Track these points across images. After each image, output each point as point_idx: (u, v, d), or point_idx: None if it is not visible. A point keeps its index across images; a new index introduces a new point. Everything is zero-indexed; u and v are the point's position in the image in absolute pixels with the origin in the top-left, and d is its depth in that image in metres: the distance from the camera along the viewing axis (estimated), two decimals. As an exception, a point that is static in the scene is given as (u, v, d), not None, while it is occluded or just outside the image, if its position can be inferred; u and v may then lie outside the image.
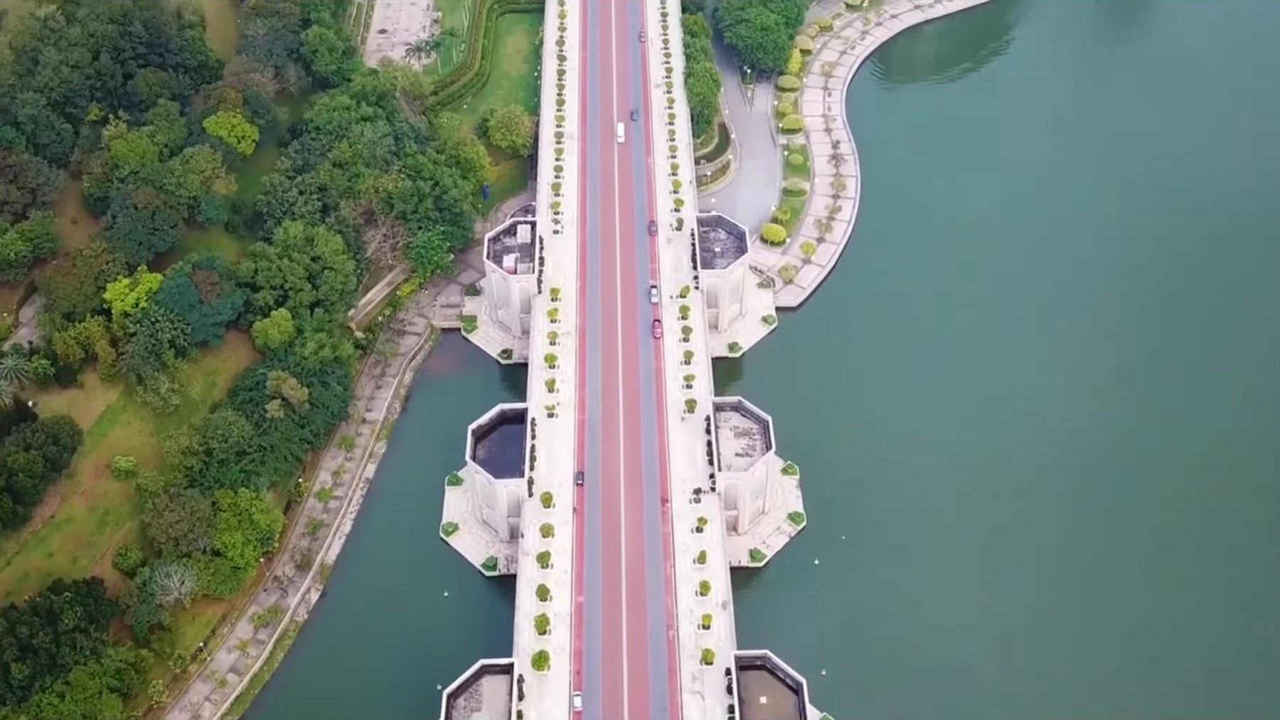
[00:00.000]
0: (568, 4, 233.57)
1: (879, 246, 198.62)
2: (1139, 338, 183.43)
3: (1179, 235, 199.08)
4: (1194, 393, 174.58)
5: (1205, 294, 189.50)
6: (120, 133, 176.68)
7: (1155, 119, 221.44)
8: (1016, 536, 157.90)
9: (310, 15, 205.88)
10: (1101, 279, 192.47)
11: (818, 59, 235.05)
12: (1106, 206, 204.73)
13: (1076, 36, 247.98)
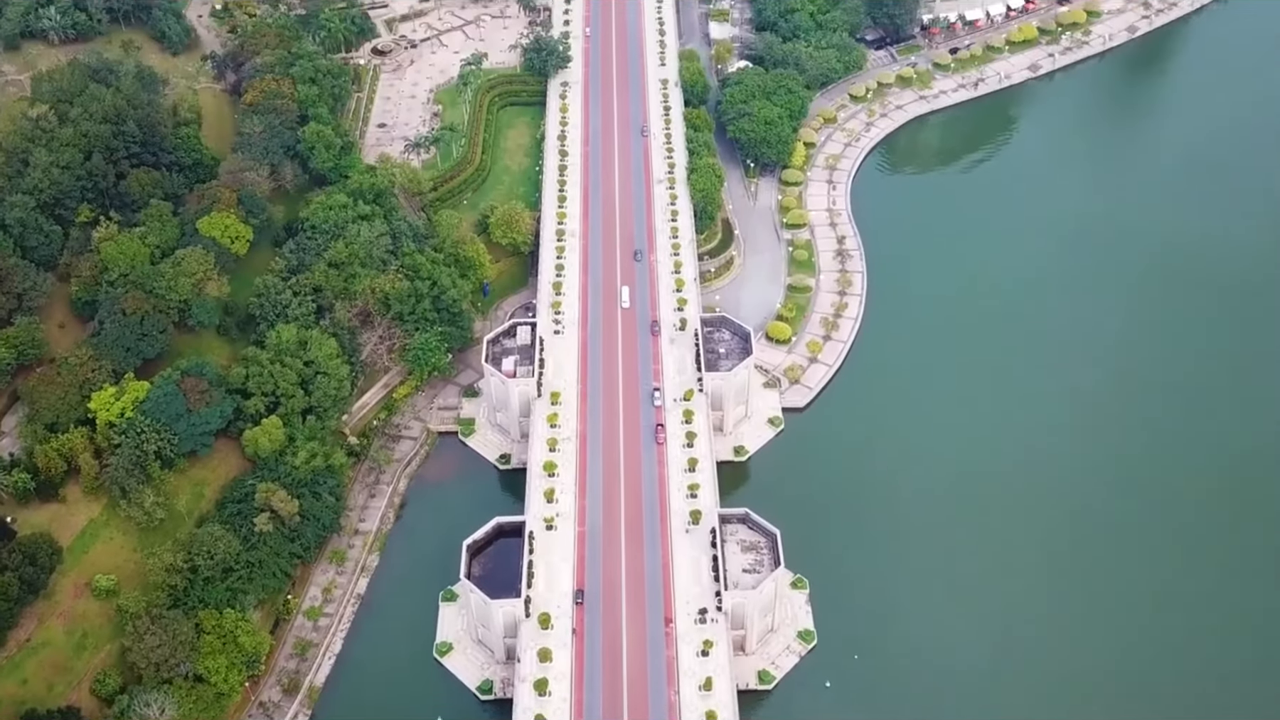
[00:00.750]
0: (569, 97, 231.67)
1: (886, 344, 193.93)
2: (1150, 436, 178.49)
3: (1186, 325, 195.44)
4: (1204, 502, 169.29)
5: (1213, 393, 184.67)
6: (110, 234, 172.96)
7: (1158, 208, 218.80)
8: (1038, 650, 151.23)
9: (308, 112, 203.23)
10: (1110, 373, 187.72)
11: (822, 151, 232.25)
12: (1114, 298, 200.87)
13: (1081, 126, 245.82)
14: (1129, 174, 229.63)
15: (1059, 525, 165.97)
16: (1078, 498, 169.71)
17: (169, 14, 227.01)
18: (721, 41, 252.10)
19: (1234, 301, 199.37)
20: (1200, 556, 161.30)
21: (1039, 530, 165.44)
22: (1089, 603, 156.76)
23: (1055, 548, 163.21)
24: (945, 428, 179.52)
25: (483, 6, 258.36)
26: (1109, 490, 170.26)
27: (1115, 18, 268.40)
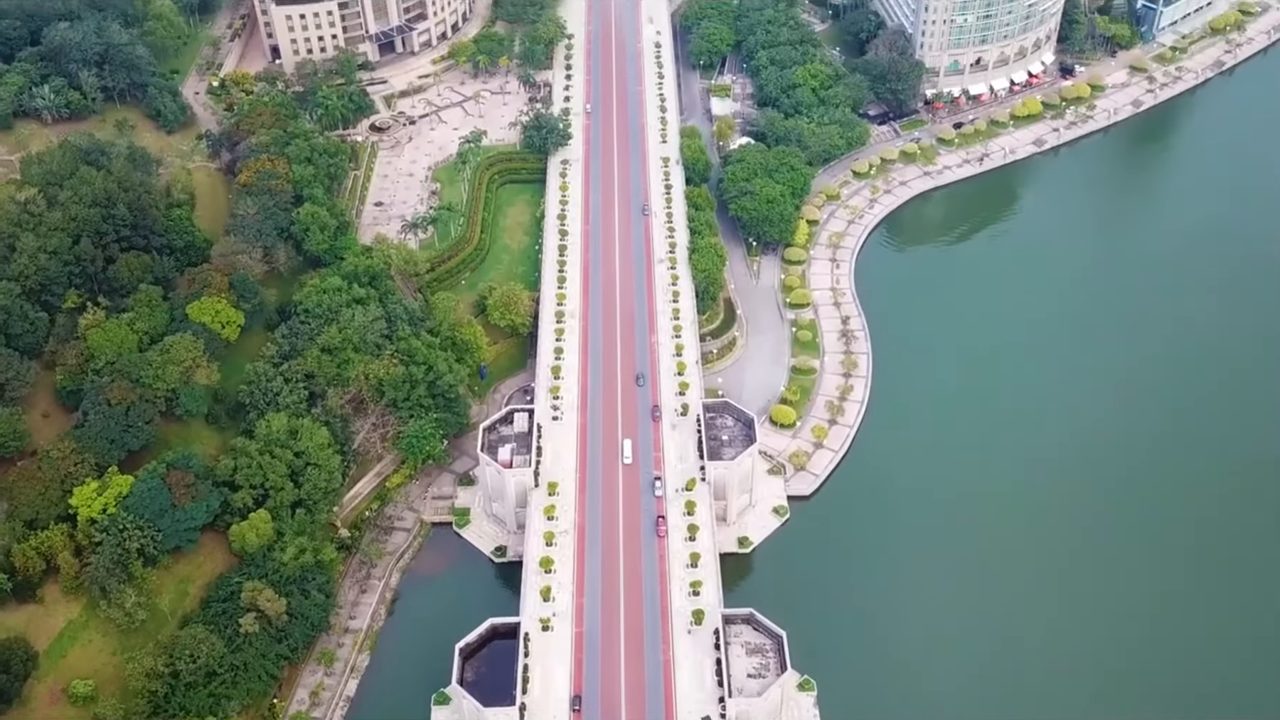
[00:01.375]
0: (570, 175, 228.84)
1: (893, 429, 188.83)
2: (1164, 521, 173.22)
3: (1198, 407, 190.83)
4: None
5: (1225, 475, 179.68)
6: (98, 321, 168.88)
7: (1166, 286, 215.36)
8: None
9: (303, 192, 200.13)
10: (1125, 458, 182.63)
11: (825, 229, 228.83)
12: (1124, 381, 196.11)
13: (1088, 202, 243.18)
14: (1136, 250, 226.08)
15: (1075, 622, 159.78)
16: (1094, 590, 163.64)
17: (165, 92, 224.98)
18: (723, 118, 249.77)
19: (1244, 376, 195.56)
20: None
21: (1056, 628, 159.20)
22: (1110, 707, 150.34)
23: (1072, 646, 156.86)
24: (955, 516, 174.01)
25: (482, 82, 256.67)
26: (1125, 583, 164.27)
27: (1119, 92, 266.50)
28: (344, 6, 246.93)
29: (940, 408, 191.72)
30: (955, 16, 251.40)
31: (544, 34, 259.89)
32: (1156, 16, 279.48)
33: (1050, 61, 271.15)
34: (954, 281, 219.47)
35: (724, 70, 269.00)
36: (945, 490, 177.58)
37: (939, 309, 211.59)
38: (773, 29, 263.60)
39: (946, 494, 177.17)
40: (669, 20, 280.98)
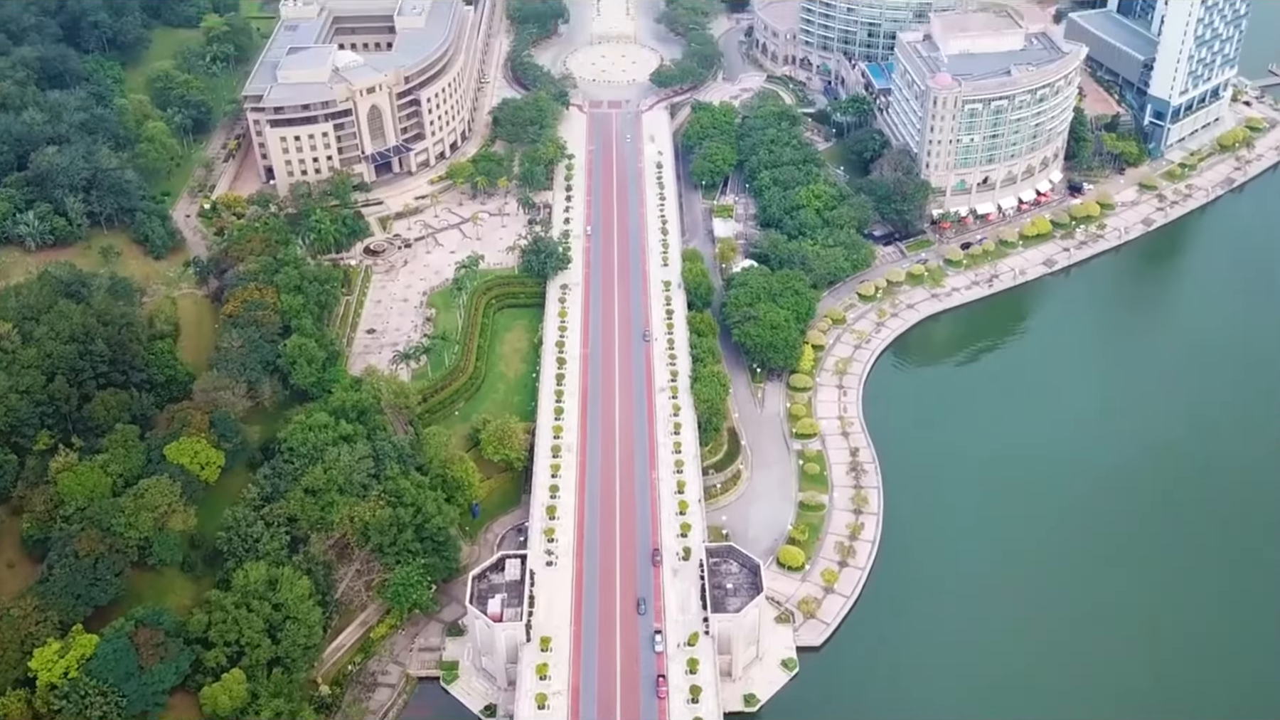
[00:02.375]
0: (569, 300, 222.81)
1: (908, 570, 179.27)
2: (1182, 647, 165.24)
3: (1213, 530, 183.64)
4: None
5: (1241, 605, 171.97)
6: (69, 463, 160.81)
7: (1179, 406, 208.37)
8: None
9: (291, 323, 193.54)
10: (1144, 588, 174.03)
11: (831, 354, 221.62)
12: (1144, 509, 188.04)
13: (1100, 323, 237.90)
14: (1150, 372, 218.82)
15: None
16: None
17: (153, 217, 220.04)
18: (725, 239, 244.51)
19: (1264, 495, 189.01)
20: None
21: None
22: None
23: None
24: (975, 666, 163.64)
25: (480, 203, 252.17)
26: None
27: (1129, 210, 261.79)
28: (340, 127, 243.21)
29: (956, 546, 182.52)
30: (961, 137, 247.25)
31: (544, 155, 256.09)
32: (1164, 134, 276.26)
33: (1058, 179, 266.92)
34: (965, 408, 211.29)
35: (726, 190, 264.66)
36: (964, 639, 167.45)
37: (951, 438, 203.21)
38: (775, 149, 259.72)
39: (964, 642, 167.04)
40: (670, 139, 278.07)
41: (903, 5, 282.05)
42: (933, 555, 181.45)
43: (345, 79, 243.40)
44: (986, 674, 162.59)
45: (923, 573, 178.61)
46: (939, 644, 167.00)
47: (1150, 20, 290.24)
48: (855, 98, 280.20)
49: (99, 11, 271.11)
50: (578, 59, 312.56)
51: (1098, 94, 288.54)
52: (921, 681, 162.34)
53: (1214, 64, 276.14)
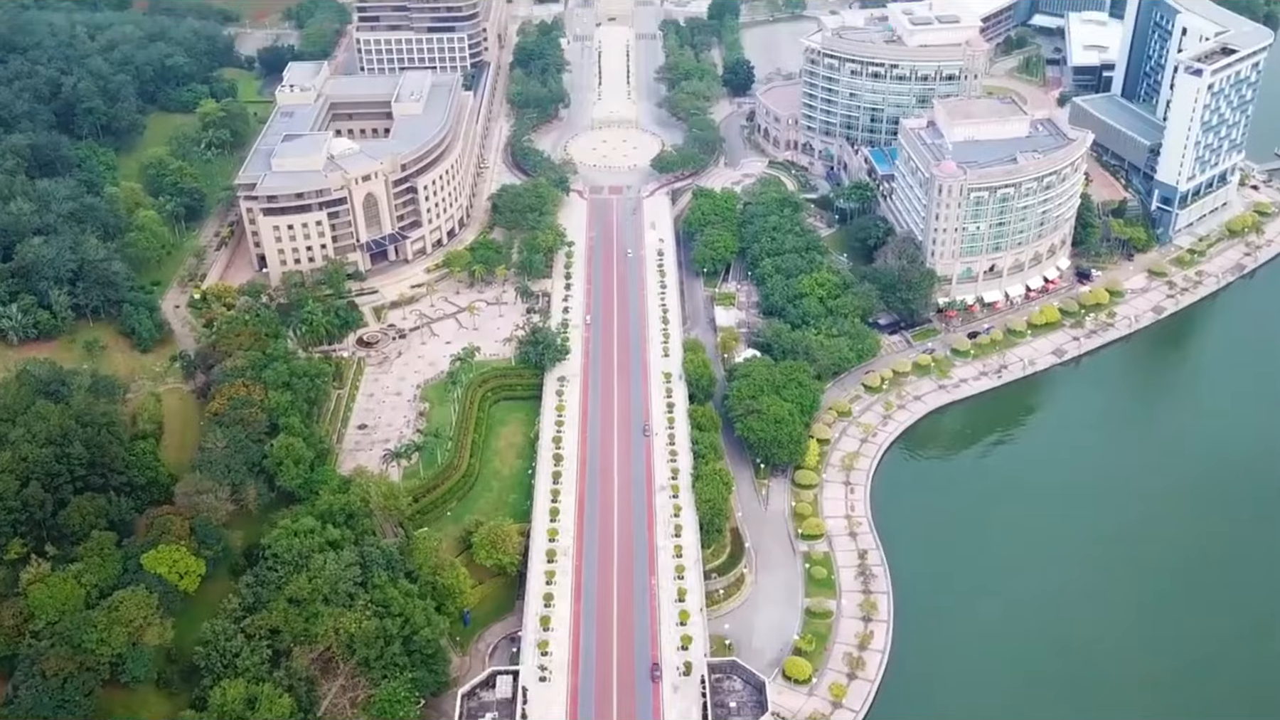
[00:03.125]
0: (566, 393, 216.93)
1: (920, 683, 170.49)
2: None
3: (1230, 631, 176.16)
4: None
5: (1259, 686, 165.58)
6: (41, 574, 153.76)
7: (1190, 500, 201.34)
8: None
9: (278, 421, 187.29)
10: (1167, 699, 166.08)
11: (836, 449, 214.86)
12: (1168, 611, 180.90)
13: (1113, 416, 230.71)
14: (1165, 466, 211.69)
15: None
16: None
17: (141, 308, 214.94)
18: (727, 329, 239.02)
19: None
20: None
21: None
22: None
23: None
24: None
25: (478, 292, 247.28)
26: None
27: (1139, 297, 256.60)
28: (334, 215, 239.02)
29: (970, 655, 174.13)
30: (967, 224, 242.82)
31: (543, 242, 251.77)
32: (1172, 219, 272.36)
33: (1066, 266, 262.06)
34: (977, 506, 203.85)
35: (728, 277, 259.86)
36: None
37: (963, 537, 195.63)
38: (778, 236, 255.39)
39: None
40: (672, 225, 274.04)
41: (905, 91, 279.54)
42: (945, 665, 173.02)
43: (340, 167, 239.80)
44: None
45: (935, 685, 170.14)
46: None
47: (1155, 105, 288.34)
48: (858, 184, 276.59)
49: (94, 98, 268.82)
50: (578, 144, 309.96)
51: (1104, 179, 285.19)
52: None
53: (1221, 149, 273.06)
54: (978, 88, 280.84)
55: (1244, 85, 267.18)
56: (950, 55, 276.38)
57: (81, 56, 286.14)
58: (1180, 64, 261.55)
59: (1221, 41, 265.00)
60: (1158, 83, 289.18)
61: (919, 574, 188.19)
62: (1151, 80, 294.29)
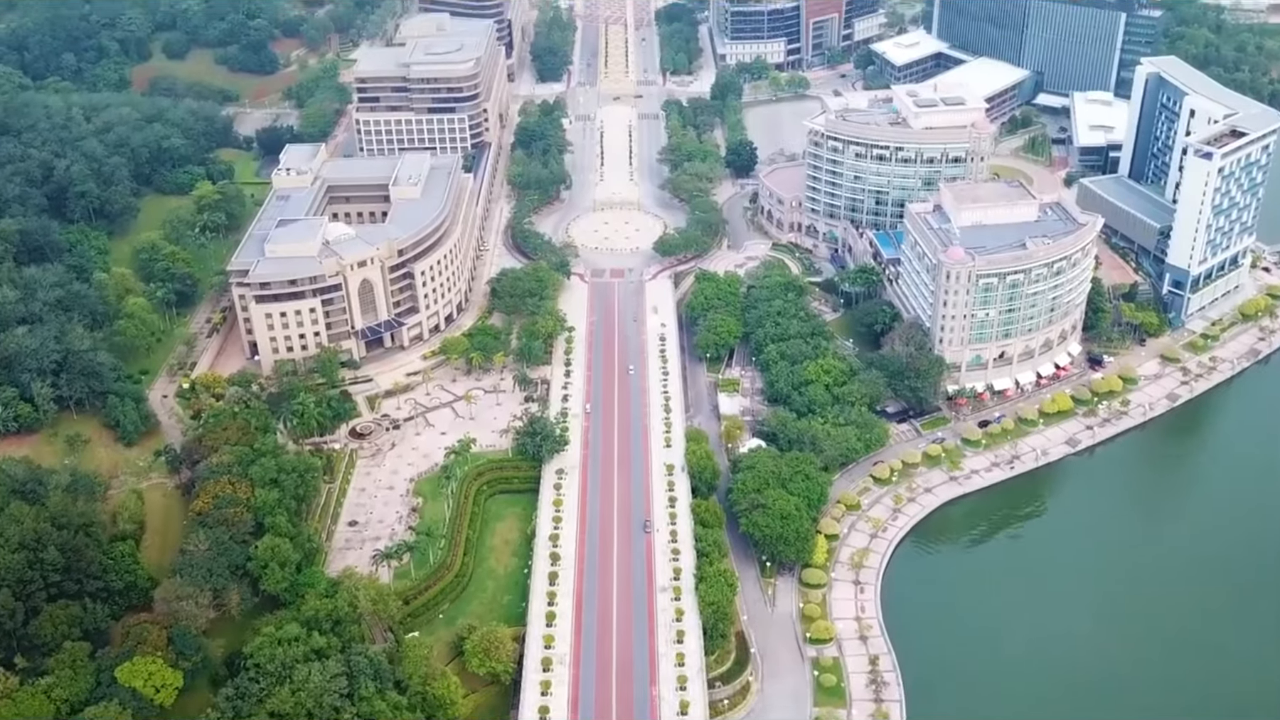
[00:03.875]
0: (565, 486, 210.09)
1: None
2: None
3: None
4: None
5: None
6: (9, 689, 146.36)
7: (1212, 595, 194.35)
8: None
9: (264, 521, 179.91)
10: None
11: (845, 545, 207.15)
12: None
13: (1131, 508, 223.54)
14: (1185, 560, 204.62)
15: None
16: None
17: (126, 400, 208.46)
18: (731, 417, 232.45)
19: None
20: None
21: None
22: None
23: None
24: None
25: (475, 379, 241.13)
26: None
27: (1153, 384, 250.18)
28: (328, 303, 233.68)
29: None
30: (976, 311, 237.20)
31: (543, 328, 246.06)
32: (1184, 303, 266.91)
33: (1077, 352, 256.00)
34: (992, 606, 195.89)
35: (732, 363, 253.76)
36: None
37: (978, 639, 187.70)
38: (782, 321, 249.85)
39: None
40: (674, 309, 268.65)
41: (910, 173, 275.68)
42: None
43: (335, 252, 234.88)
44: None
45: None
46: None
47: (1164, 186, 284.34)
48: (863, 268, 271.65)
49: (87, 181, 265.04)
50: (580, 226, 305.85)
51: (1113, 261, 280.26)
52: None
53: (1232, 232, 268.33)
54: (984, 170, 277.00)
55: (1254, 168, 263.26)
56: (956, 138, 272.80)
57: (76, 139, 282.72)
58: (1190, 146, 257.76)
59: (1230, 124, 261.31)
60: (1166, 164, 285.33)
61: (933, 680, 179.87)
62: (1159, 161, 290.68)
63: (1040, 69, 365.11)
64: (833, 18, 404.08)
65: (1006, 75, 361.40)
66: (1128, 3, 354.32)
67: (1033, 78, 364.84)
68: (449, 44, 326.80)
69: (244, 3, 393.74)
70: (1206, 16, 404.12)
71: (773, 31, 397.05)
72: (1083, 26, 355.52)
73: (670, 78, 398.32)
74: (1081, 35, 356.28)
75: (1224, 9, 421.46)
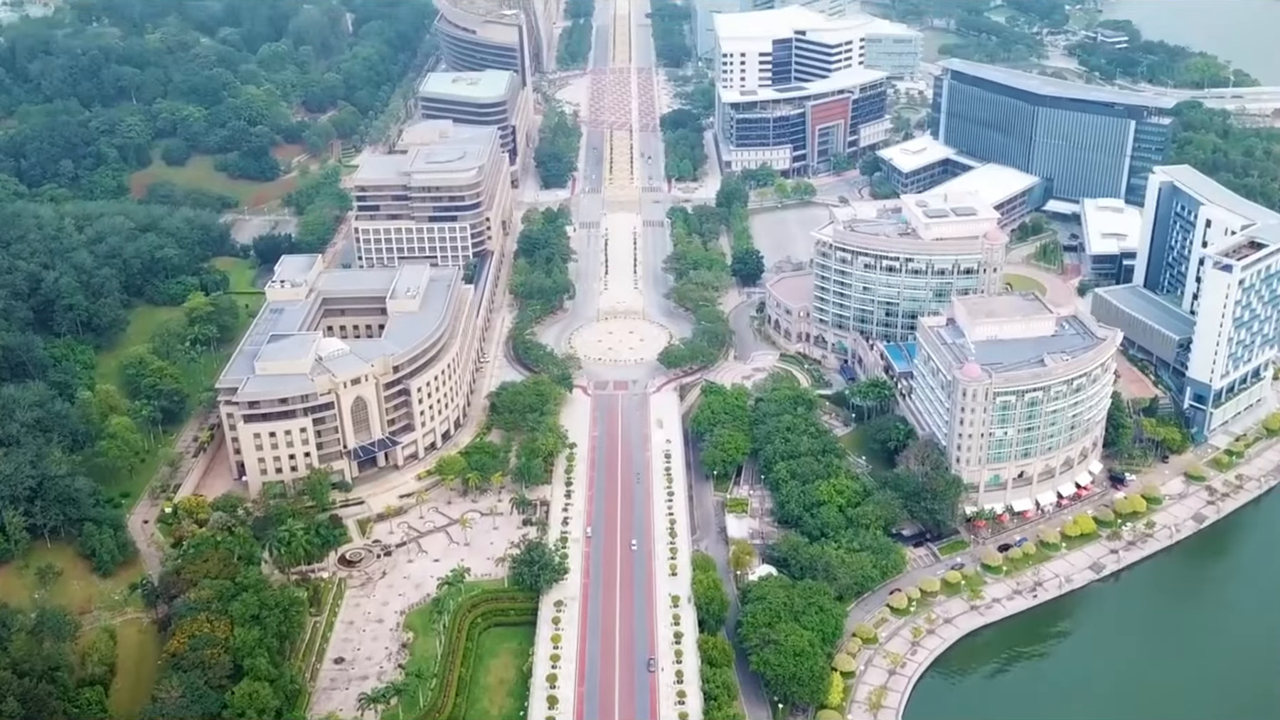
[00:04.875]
0: (564, 619, 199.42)
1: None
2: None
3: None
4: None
5: None
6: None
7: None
8: None
9: (243, 663, 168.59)
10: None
11: (862, 683, 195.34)
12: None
13: (1161, 640, 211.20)
14: (1220, 693, 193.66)
15: None
16: None
17: (104, 527, 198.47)
18: (740, 542, 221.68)
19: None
20: None
21: None
22: None
23: None
24: None
25: (472, 500, 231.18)
26: None
27: (1177, 504, 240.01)
28: (320, 421, 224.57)
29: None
30: (994, 430, 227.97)
31: (543, 446, 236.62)
32: (1206, 418, 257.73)
33: (1098, 470, 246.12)
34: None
35: (740, 480, 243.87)
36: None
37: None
38: (792, 437, 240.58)
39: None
40: (680, 423, 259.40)
41: (921, 285, 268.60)
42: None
43: (328, 369, 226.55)
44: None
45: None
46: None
47: (1180, 295, 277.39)
48: (875, 382, 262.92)
49: (75, 294, 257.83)
50: (583, 336, 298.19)
51: (1131, 374, 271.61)
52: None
53: (1254, 345, 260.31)
54: (997, 282, 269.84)
55: (1275, 279, 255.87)
56: (968, 249, 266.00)
57: (67, 250, 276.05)
58: (1208, 258, 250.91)
59: (1248, 235, 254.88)
60: (1181, 274, 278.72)
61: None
62: (1175, 271, 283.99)
63: (1049, 175, 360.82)
64: (838, 124, 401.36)
65: (1016, 181, 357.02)
66: (1136, 110, 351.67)
67: (1042, 184, 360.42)
68: (451, 151, 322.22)
69: (246, 109, 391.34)
70: (1213, 122, 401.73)
71: (778, 138, 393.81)
72: (1092, 133, 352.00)
73: (675, 184, 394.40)
74: (1091, 142, 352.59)
75: (1230, 114, 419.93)
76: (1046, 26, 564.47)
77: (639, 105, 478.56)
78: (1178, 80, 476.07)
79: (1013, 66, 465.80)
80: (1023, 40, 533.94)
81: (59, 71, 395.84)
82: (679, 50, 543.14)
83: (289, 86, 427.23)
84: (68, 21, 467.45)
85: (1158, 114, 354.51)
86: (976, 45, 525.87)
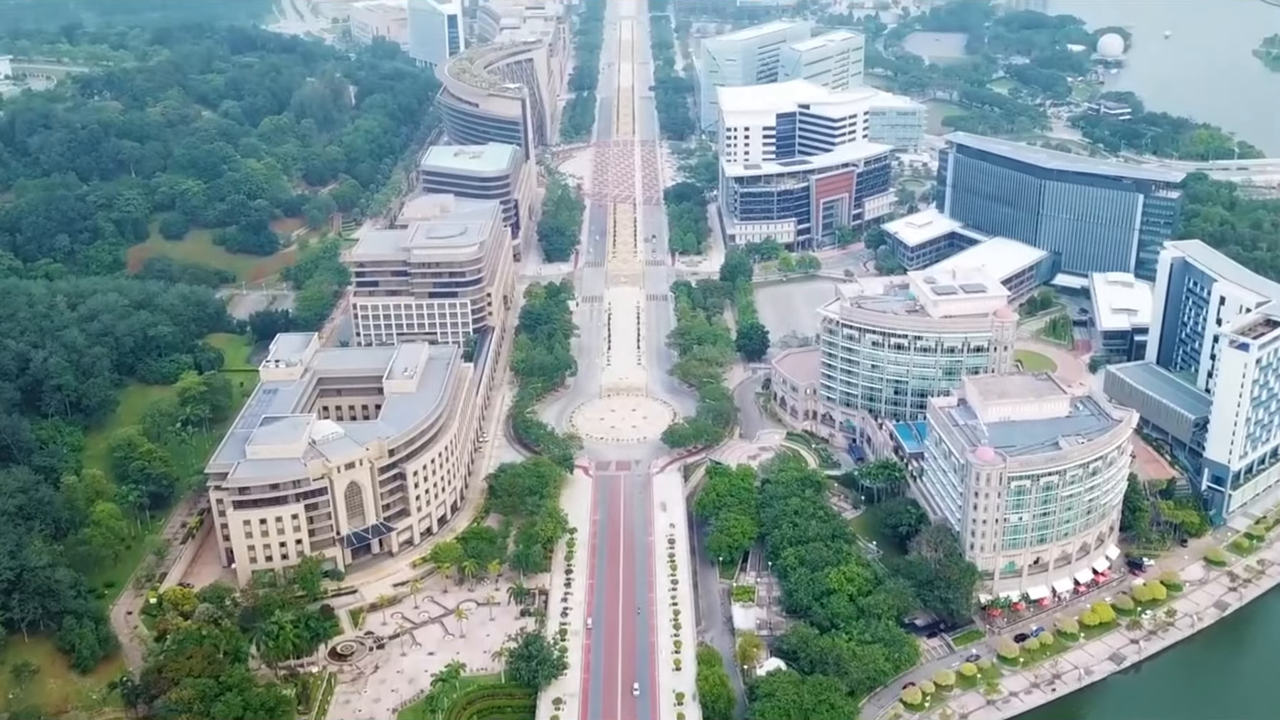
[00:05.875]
0: (564, 712, 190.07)
1: None
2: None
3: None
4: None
5: None
6: None
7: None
8: None
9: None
10: None
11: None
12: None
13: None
14: None
15: None
16: None
17: (85, 620, 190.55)
18: (747, 634, 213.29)
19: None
20: None
21: None
22: None
23: None
24: None
25: (468, 589, 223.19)
26: None
27: (1198, 590, 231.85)
28: (312, 507, 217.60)
29: None
30: (1009, 515, 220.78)
31: (543, 532, 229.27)
32: (1225, 500, 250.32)
33: (1116, 556, 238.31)
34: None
35: (746, 566, 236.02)
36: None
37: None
38: (800, 521, 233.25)
39: None
40: (684, 505, 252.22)
41: (930, 363, 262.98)
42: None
43: (322, 453, 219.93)
44: None
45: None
46: None
47: (1194, 373, 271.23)
48: (884, 463, 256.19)
49: (64, 374, 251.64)
50: (585, 414, 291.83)
51: (1147, 454, 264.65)
52: None
53: (1272, 424, 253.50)
54: (1008, 360, 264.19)
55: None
56: (978, 326, 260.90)
57: (58, 328, 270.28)
58: (1224, 337, 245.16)
59: (1264, 312, 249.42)
60: (1195, 350, 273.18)
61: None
62: (1188, 348, 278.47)
63: (1057, 249, 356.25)
64: (843, 197, 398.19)
65: (1023, 256, 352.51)
66: (1145, 184, 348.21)
67: (1050, 258, 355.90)
68: (452, 227, 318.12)
69: (245, 183, 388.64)
70: (1219, 194, 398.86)
71: (782, 211, 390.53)
72: (1100, 207, 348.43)
73: (679, 257, 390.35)
74: (1099, 216, 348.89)
75: (1236, 186, 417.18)
76: (1049, 98, 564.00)
77: (643, 178, 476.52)
78: (1182, 152, 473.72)
79: (1017, 138, 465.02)
80: (1026, 112, 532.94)
81: (58, 145, 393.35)
82: (682, 123, 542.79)
83: (290, 159, 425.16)
84: (69, 95, 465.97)
85: (1166, 188, 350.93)
86: (980, 117, 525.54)
